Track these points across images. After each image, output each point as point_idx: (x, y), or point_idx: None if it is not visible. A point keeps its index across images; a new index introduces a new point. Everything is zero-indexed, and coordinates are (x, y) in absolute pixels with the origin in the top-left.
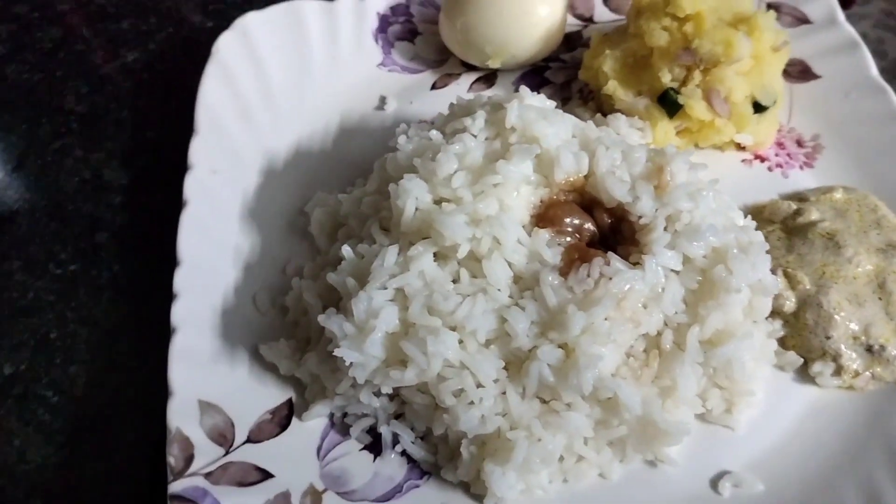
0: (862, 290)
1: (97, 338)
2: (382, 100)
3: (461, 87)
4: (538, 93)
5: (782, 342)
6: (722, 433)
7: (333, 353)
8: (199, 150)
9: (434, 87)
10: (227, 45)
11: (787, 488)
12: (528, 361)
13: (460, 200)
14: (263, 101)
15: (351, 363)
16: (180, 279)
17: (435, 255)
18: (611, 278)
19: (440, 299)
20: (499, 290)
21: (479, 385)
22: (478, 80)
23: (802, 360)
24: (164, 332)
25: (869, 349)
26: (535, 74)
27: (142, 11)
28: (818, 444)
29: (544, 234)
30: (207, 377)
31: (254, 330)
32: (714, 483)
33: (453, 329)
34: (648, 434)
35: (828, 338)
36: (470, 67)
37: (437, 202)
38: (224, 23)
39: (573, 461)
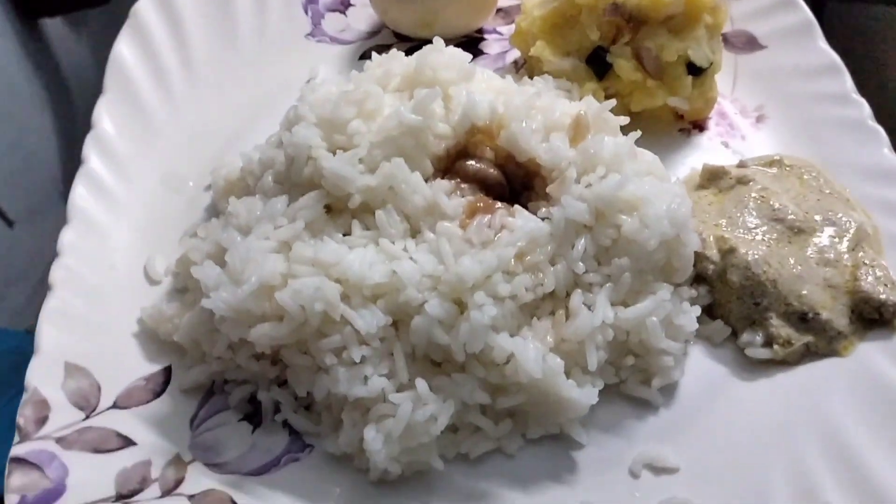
0: (797, 255)
1: None
2: (313, 70)
3: None
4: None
5: (709, 311)
6: (638, 406)
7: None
8: (105, 111)
9: (363, 57)
10: (146, 9)
11: (709, 468)
12: (417, 317)
13: (356, 148)
14: (181, 68)
15: (222, 318)
16: (66, 237)
17: (328, 207)
18: (512, 230)
19: (326, 249)
20: (392, 242)
21: (362, 343)
22: (409, 50)
23: (730, 329)
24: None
25: (803, 318)
26: (470, 46)
27: None
28: (744, 422)
29: (445, 185)
30: (80, 340)
31: (142, 296)
32: (628, 462)
33: (338, 282)
34: (550, 403)
35: (756, 304)
36: (402, 38)
37: (332, 151)
38: None
39: (469, 432)
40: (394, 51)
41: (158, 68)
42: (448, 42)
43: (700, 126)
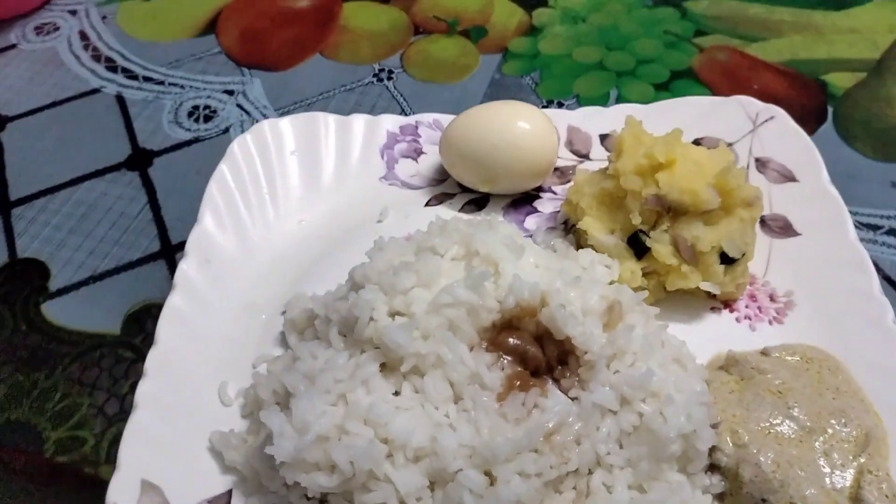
0: (806, 456)
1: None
2: (384, 211)
3: (454, 207)
4: (524, 219)
5: (720, 499)
6: None
7: (266, 451)
8: (197, 240)
9: (428, 203)
10: (242, 147)
11: None
12: (451, 484)
13: (412, 316)
14: (268, 201)
15: (282, 462)
16: (152, 359)
17: (382, 365)
18: (543, 410)
19: (377, 410)
20: (436, 407)
21: (401, 501)
22: (470, 201)
23: None
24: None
25: None
26: (526, 202)
27: None
28: None
29: (487, 357)
30: (156, 457)
31: (214, 419)
32: None
33: (385, 441)
34: None
35: (764, 500)
36: (465, 189)
37: (392, 315)
38: None
39: None
40: (454, 215)
41: (247, 203)
42: (505, 197)
43: (730, 307)
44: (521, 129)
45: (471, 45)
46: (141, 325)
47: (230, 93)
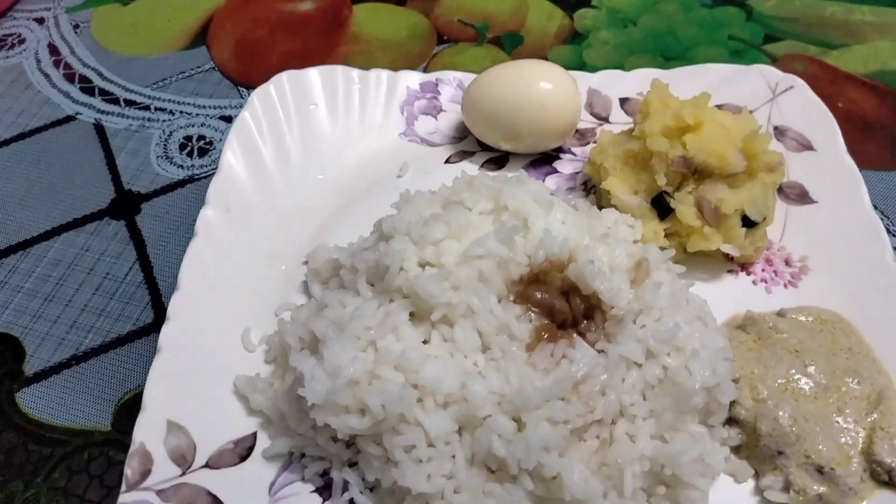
0: (821, 412)
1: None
2: (403, 167)
3: (474, 165)
4: (544, 179)
5: (737, 450)
6: None
7: (299, 393)
8: (218, 188)
9: (448, 161)
10: (262, 97)
11: None
12: (480, 429)
13: (443, 266)
14: (288, 152)
15: (313, 404)
16: (175, 304)
17: (411, 314)
18: (572, 361)
19: (407, 356)
20: (465, 356)
21: (430, 444)
22: (490, 160)
23: (754, 471)
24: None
25: (819, 470)
26: (545, 162)
27: None
28: None
29: (516, 309)
30: (181, 399)
31: (237, 363)
32: None
33: (415, 387)
34: None
35: (780, 452)
36: (484, 147)
37: (422, 265)
38: None
39: None
40: (480, 172)
41: (268, 152)
42: (525, 156)
43: (747, 269)
44: (546, 88)
45: (504, 55)
46: (135, 417)
47: (227, 119)
